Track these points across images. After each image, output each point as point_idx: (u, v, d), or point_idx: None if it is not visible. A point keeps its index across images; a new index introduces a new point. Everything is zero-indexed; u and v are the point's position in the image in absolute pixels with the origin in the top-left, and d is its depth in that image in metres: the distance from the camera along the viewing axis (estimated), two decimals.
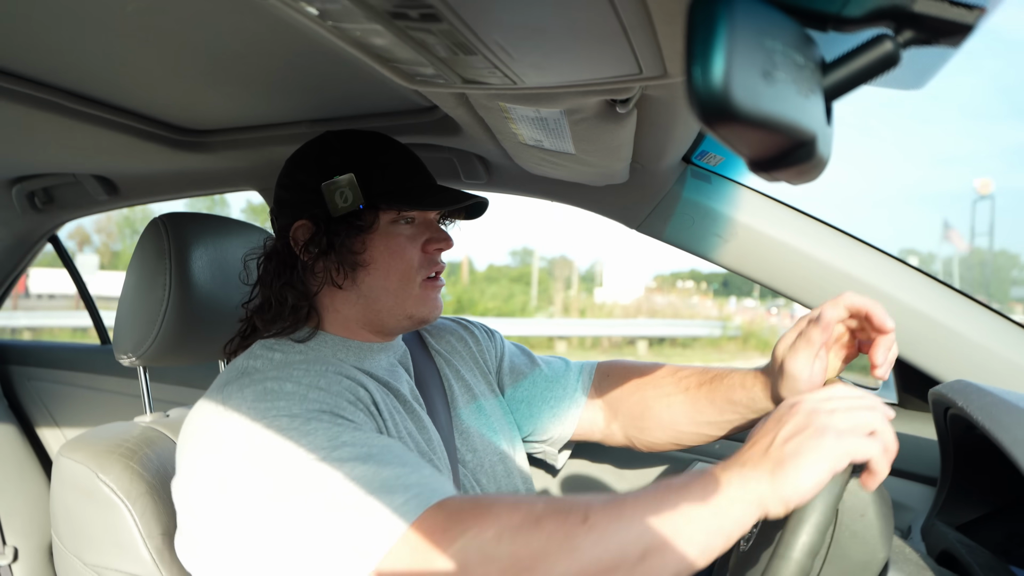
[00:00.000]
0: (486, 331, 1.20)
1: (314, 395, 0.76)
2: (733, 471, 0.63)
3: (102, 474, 0.92)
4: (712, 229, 1.22)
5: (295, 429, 0.71)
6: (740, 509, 0.61)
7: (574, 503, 0.63)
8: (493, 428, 1.05)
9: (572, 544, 0.60)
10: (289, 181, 0.94)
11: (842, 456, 0.61)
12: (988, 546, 0.87)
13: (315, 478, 0.67)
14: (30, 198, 1.78)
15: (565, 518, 0.61)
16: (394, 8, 0.48)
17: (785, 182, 0.37)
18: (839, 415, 0.63)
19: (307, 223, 0.89)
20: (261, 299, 0.92)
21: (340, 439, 0.71)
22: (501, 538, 0.60)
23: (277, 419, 0.72)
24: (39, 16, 0.73)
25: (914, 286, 1.15)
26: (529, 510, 0.63)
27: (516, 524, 0.61)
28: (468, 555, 0.60)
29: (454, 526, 0.62)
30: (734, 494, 0.61)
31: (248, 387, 0.77)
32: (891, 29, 0.35)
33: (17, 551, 1.89)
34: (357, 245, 0.89)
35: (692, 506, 0.61)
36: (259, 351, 0.87)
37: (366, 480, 0.67)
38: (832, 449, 0.60)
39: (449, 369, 1.08)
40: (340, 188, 0.88)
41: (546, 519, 0.61)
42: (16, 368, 2.17)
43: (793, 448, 0.61)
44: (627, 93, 0.71)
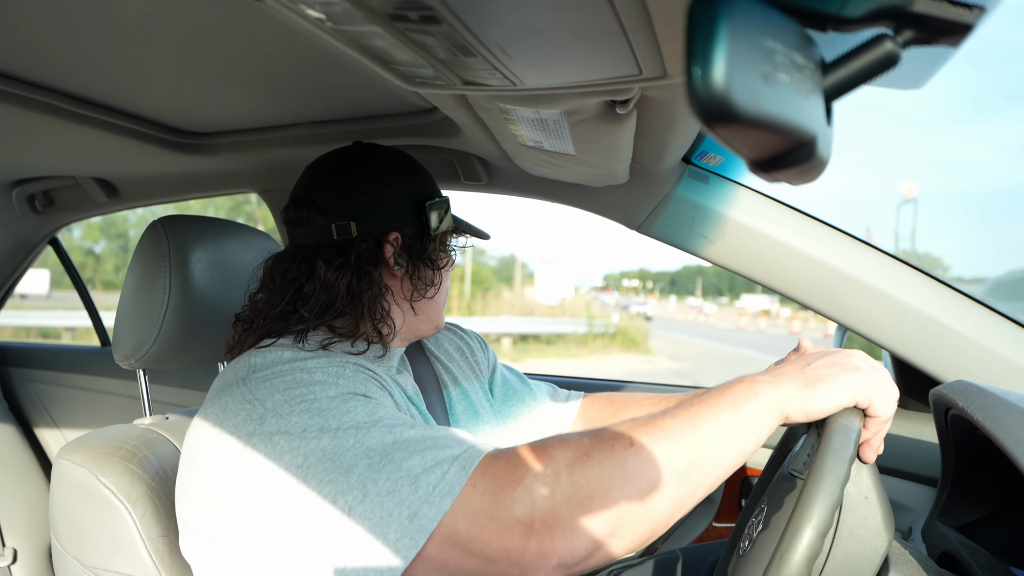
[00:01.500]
0: (479, 341, 1.23)
1: (343, 382, 0.77)
2: (766, 378, 0.72)
3: (102, 476, 0.92)
4: (712, 229, 1.22)
5: (335, 408, 0.71)
6: (770, 413, 0.69)
7: (619, 433, 0.67)
8: (487, 434, 1.07)
9: (624, 468, 0.65)
10: (373, 189, 0.93)
11: (867, 392, 0.70)
12: (989, 547, 0.87)
13: (370, 444, 0.68)
14: (30, 200, 1.78)
15: (613, 447, 0.66)
16: (393, 10, 0.48)
17: (785, 182, 0.37)
18: (874, 369, 0.73)
19: (399, 236, 0.93)
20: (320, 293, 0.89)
21: (377, 413, 0.72)
22: (559, 474, 0.64)
23: (317, 401, 0.72)
24: (39, 20, 0.73)
25: (914, 286, 1.15)
26: (578, 445, 0.67)
27: (569, 460, 0.65)
28: (534, 492, 0.64)
29: (516, 468, 0.65)
30: (764, 399, 0.69)
31: (273, 379, 0.76)
32: (891, 29, 0.35)
33: (16, 553, 1.89)
34: (438, 261, 0.97)
35: (728, 417, 0.68)
36: (263, 351, 0.84)
37: (418, 440, 0.69)
38: (860, 384, 0.70)
39: (446, 373, 1.09)
40: (441, 210, 0.96)
41: (595, 450, 0.66)
42: (16, 370, 2.17)
43: (828, 372, 0.71)
44: (627, 94, 0.71)
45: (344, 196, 0.92)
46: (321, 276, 0.89)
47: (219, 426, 0.75)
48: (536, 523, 0.63)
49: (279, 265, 0.93)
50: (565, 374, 1.76)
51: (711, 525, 1.50)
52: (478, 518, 0.64)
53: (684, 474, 0.65)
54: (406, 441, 0.69)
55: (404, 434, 0.70)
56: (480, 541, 0.64)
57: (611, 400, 1.19)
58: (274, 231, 1.67)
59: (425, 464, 0.66)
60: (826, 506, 0.61)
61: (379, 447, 0.68)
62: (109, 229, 39.15)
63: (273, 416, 0.72)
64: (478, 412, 1.08)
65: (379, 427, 0.70)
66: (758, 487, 0.98)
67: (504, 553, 0.63)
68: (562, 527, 0.63)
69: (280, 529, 0.69)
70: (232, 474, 0.72)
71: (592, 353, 19.59)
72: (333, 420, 0.70)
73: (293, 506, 0.68)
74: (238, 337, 0.92)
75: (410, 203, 0.94)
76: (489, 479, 0.65)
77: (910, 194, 24.75)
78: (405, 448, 0.68)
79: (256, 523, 0.70)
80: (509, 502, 0.64)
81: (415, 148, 1.28)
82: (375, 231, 0.91)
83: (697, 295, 38.48)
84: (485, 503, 0.64)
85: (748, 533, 0.84)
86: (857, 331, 1.19)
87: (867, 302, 1.16)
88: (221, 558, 0.74)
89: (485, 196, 1.30)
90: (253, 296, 0.95)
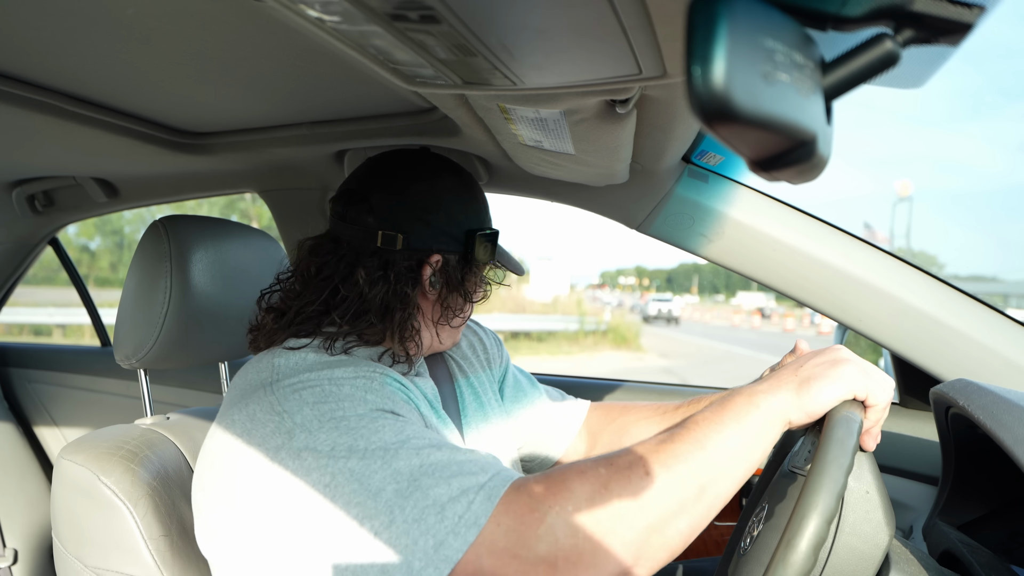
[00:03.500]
0: (495, 338, 1.23)
1: (371, 397, 0.76)
2: (763, 388, 0.72)
3: (103, 476, 0.92)
4: (712, 229, 1.22)
5: (364, 427, 0.71)
6: (774, 421, 0.70)
7: (633, 460, 0.68)
8: (496, 428, 1.07)
9: (640, 498, 0.65)
10: (429, 205, 0.91)
11: (859, 384, 0.71)
12: (990, 545, 0.87)
13: (398, 467, 0.68)
14: (30, 201, 1.78)
15: (629, 476, 0.67)
16: (393, 10, 0.48)
17: (785, 182, 0.37)
18: (861, 363, 0.74)
19: (441, 258, 0.92)
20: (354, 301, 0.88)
21: (405, 432, 0.72)
22: (580, 508, 0.65)
23: (346, 419, 0.72)
24: (39, 19, 0.73)
25: (915, 285, 1.15)
26: (595, 476, 0.67)
27: (589, 494, 0.66)
28: (556, 530, 0.64)
29: (539, 505, 0.66)
30: (765, 410, 0.70)
31: (302, 390, 0.75)
32: (891, 28, 0.35)
33: (17, 553, 1.89)
34: (472, 293, 0.97)
35: (732, 431, 0.69)
36: (289, 353, 0.82)
37: (445, 465, 0.69)
38: (852, 376, 0.71)
39: (460, 374, 1.09)
40: (487, 242, 0.96)
41: (612, 482, 0.66)
42: (16, 370, 2.17)
43: (819, 371, 0.72)
44: (627, 93, 0.71)
45: (399, 205, 0.90)
46: (359, 284, 0.88)
47: (246, 435, 0.74)
48: (560, 561, 0.64)
49: (316, 256, 0.91)
50: (556, 372, 1.76)
51: (711, 524, 1.50)
52: (503, 556, 0.64)
53: (698, 496, 0.67)
54: (433, 465, 0.69)
55: (431, 457, 0.69)
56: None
57: (614, 408, 1.20)
58: (269, 229, 1.67)
59: (452, 493, 0.67)
60: (831, 494, 0.61)
61: (407, 471, 0.68)
62: (104, 226, 39.13)
63: (302, 431, 0.71)
64: (484, 406, 1.08)
65: (407, 449, 0.70)
66: (759, 486, 0.98)
67: None
68: (586, 563, 0.64)
69: (302, 545, 0.68)
70: (257, 485, 0.72)
71: (583, 350, 19.63)
72: (362, 440, 0.70)
73: (318, 524, 0.68)
74: (268, 326, 0.90)
75: (461, 228, 0.93)
76: (513, 517, 0.66)
77: (905, 192, 24.82)
78: (432, 474, 0.68)
79: (279, 536, 0.70)
80: (533, 541, 0.64)
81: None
82: (419, 249, 0.90)
83: (692, 292, 38.36)
84: (510, 542, 0.65)
85: (749, 532, 0.84)
86: (857, 330, 1.19)
87: (867, 301, 1.16)
88: (241, 562, 0.74)
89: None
90: (285, 280, 0.93)
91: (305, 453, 0.70)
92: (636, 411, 1.15)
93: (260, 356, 0.84)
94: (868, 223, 44.45)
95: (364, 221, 0.90)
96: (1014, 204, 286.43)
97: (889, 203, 35.32)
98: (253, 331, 0.93)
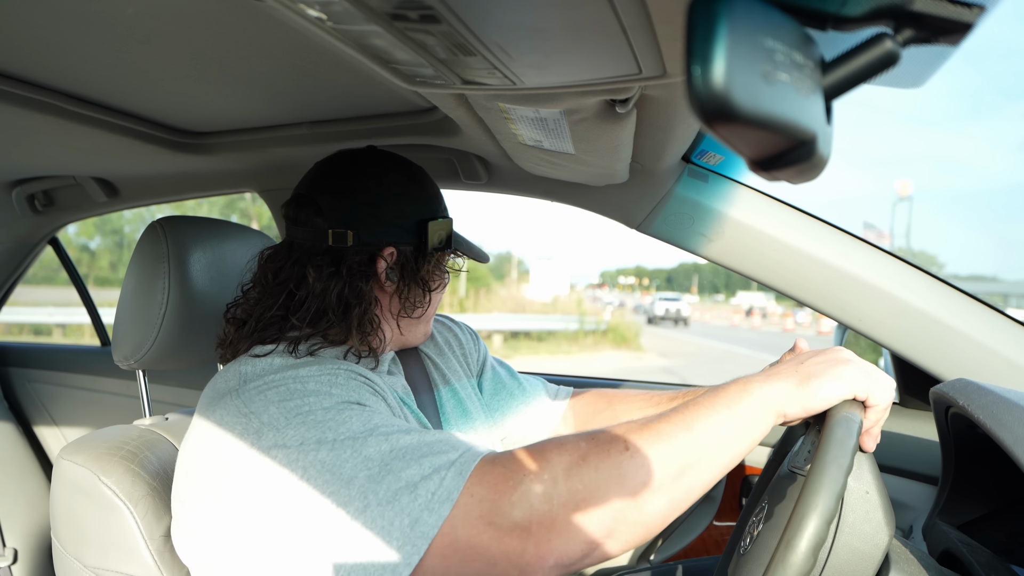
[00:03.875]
0: (471, 333, 1.23)
1: (337, 391, 0.76)
2: (760, 378, 0.72)
3: (103, 476, 0.92)
4: (712, 228, 1.22)
5: (331, 419, 0.71)
6: (765, 411, 0.70)
7: (615, 436, 0.68)
8: (477, 432, 1.07)
9: (619, 472, 0.66)
10: (376, 199, 0.92)
11: (860, 384, 0.71)
12: (990, 545, 0.87)
13: (368, 453, 0.68)
14: (30, 200, 1.78)
15: (608, 451, 0.67)
16: (393, 9, 0.48)
17: (785, 181, 0.37)
18: (863, 364, 0.74)
19: (394, 251, 0.92)
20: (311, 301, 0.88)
21: (373, 421, 0.73)
22: (556, 479, 0.65)
23: (312, 412, 0.72)
24: (39, 19, 0.73)
25: (914, 284, 1.15)
26: (575, 449, 0.68)
27: (566, 465, 0.66)
28: (531, 496, 0.65)
29: (514, 473, 0.66)
30: (759, 398, 0.70)
31: (267, 391, 0.75)
32: (890, 28, 0.35)
33: (17, 553, 1.89)
34: (430, 283, 0.97)
35: (722, 417, 0.69)
36: (254, 360, 0.83)
37: (415, 447, 0.69)
38: (853, 376, 0.71)
39: (436, 372, 1.09)
40: (441, 230, 0.96)
41: (591, 455, 0.67)
42: (16, 370, 2.17)
43: (820, 368, 0.72)
44: (626, 93, 0.71)
45: (346, 203, 0.91)
46: (310, 284, 0.88)
47: (215, 439, 0.75)
48: (534, 526, 0.64)
49: (272, 263, 0.93)
50: (555, 372, 1.76)
51: (711, 524, 1.50)
52: (477, 525, 0.65)
53: (678, 476, 0.66)
54: (403, 449, 0.69)
55: (400, 441, 0.70)
56: (480, 547, 0.65)
57: (602, 396, 1.19)
58: (268, 228, 1.67)
59: (423, 472, 0.67)
60: (831, 494, 0.61)
61: (377, 456, 0.68)
62: (104, 225, 39.10)
63: (270, 430, 0.72)
64: (468, 410, 1.08)
65: (376, 436, 0.70)
66: (758, 486, 0.98)
67: (504, 556, 0.65)
68: (559, 530, 0.64)
69: (283, 540, 0.69)
70: (230, 488, 0.72)
71: (583, 350, 19.64)
72: (330, 431, 0.70)
73: (294, 519, 0.68)
74: (231, 336, 0.92)
75: (412, 219, 0.94)
76: (487, 486, 0.66)
77: (905, 192, 24.85)
78: (403, 456, 0.68)
79: (258, 535, 0.70)
80: (507, 508, 0.65)
81: (415, 147, 1.28)
82: (371, 243, 0.91)
83: (693, 292, 38.35)
84: (484, 509, 0.65)
85: (749, 531, 0.84)
86: (857, 329, 1.19)
87: (867, 300, 1.16)
88: (221, 566, 0.75)
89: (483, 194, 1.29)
90: (246, 291, 0.95)
91: (275, 451, 0.70)
92: (631, 399, 1.15)
93: (228, 366, 0.84)
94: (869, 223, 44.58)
95: (314, 223, 0.91)
96: (1014, 204, 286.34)
97: (889, 203, 35.37)
98: (220, 346, 0.94)
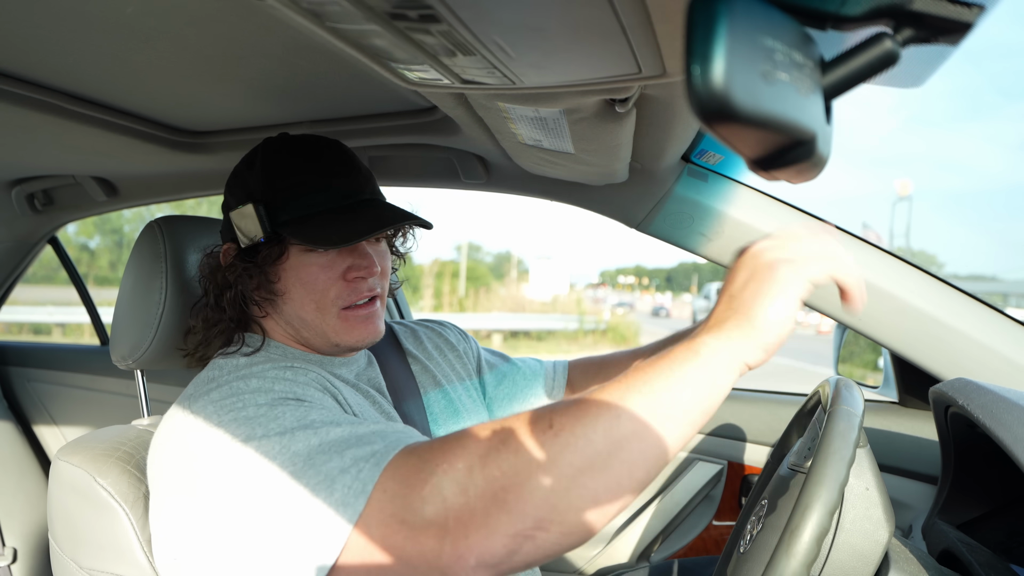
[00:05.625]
0: (460, 333, 1.22)
1: (280, 386, 0.75)
2: (704, 335, 0.61)
3: (100, 478, 0.92)
4: (711, 228, 1.22)
5: (262, 415, 0.70)
6: (719, 371, 0.60)
7: (539, 415, 0.61)
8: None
9: (542, 454, 0.58)
10: (225, 198, 0.94)
11: (803, 281, 0.60)
12: (989, 545, 0.87)
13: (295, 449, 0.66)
14: (30, 200, 1.78)
15: (530, 430, 0.60)
16: (393, 9, 0.48)
17: (785, 181, 0.37)
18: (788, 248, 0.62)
19: (231, 246, 0.90)
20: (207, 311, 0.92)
21: (309, 417, 0.70)
22: (472, 467, 0.60)
23: (244, 410, 0.71)
24: (39, 19, 0.73)
25: (914, 284, 1.15)
26: (493, 433, 0.61)
27: (483, 450, 0.60)
28: (443, 490, 0.59)
29: (424, 466, 0.61)
30: (708, 358, 0.60)
31: (214, 390, 0.76)
32: (890, 28, 0.35)
33: (16, 552, 1.89)
34: (272, 274, 0.88)
35: (665, 385, 0.59)
36: (221, 360, 0.86)
37: (343, 440, 0.66)
38: (790, 277, 0.60)
39: (424, 374, 1.08)
40: (244, 218, 0.87)
41: (511, 437, 0.60)
42: (15, 369, 2.17)
43: (752, 291, 0.60)
44: (626, 92, 0.71)
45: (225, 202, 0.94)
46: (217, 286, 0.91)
47: (168, 443, 0.77)
48: (450, 522, 0.59)
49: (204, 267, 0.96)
50: None
51: (710, 524, 1.50)
52: (390, 524, 0.60)
53: (612, 454, 0.58)
54: (331, 442, 0.66)
55: (330, 434, 0.67)
56: (395, 547, 0.60)
57: (595, 364, 1.19)
58: None
59: (343, 464, 0.64)
60: (834, 485, 0.61)
61: (304, 451, 0.66)
62: (104, 225, 39.07)
63: (197, 433, 0.72)
64: (458, 411, 1.06)
65: (306, 431, 0.68)
66: (757, 486, 0.98)
67: (420, 557, 0.59)
68: (477, 524, 0.58)
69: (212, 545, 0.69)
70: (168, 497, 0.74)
71: (583, 349, 19.66)
72: (259, 428, 0.69)
73: (221, 520, 0.68)
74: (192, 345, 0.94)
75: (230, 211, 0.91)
76: (398, 480, 0.61)
77: (905, 191, 24.83)
78: (328, 450, 0.65)
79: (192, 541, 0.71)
80: (418, 504, 0.60)
81: (415, 147, 1.28)
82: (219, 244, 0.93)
83: (691, 292, 38.19)
84: (396, 506, 0.61)
85: (748, 531, 0.84)
86: (857, 329, 1.19)
87: (867, 300, 1.16)
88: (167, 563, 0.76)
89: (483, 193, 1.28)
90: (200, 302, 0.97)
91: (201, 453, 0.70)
92: (617, 363, 1.15)
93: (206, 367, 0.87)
94: (867, 224, 44.50)
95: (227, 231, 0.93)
96: (1014, 204, 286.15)
97: (889, 202, 35.37)
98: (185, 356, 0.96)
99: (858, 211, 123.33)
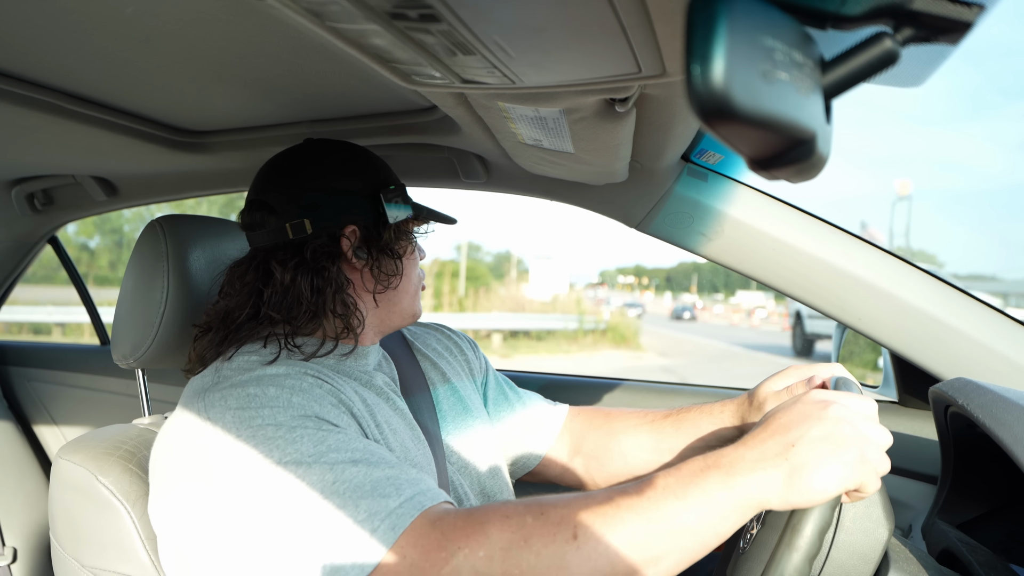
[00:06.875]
0: (471, 344, 1.23)
1: (297, 399, 0.75)
2: (746, 466, 0.63)
3: (101, 476, 0.92)
4: (711, 227, 1.22)
5: (281, 438, 0.70)
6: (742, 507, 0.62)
7: (565, 517, 0.63)
8: (477, 431, 1.06)
9: (562, 562, 0.60)
10: (323, 184, 0.92)
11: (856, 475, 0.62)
12: (989, 544, 0.87)
13: (310, 481, 0.67)
14: (29, 199, 1.78)
15: (554, 536, 0.61)
16: (393, 8, 0.48)
17: (785, 180, 0.37)
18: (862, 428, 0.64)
19: (356, 229, 0.92)
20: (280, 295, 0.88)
21: (326, 443, 0.71)
22: (492, 558, 0.61)
23: (263, 428, 0.71)
24: (38, 18, 0.73)
25: (914, 283, 1.15)
26: (519, 526, 0.63)
27: (506, 543, 0.62)
28: (462, 574, 0.61)
29: (448, 544, 0.62)
30: (739, 494, 0.61)
31: (230, 393, 0.76)
32: (890, 27, 0.35)
33: (16, 552, 1.89)
34: (398, 250, 0.95)
35: (694, 518, 0.61)
36: (228, 360, 0.85)
37: (357, 487, 0.67)
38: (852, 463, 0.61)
39: (434, 370, 1.08)
40: (395, 197, 0.95)
41: (535, 537, 0.61)
42: (15, 369, 2.17)
43: (816, 457, 0.61)
44: (626, 92, 0.71)
45: (295, 194, 0.91)
46: (278, 278, 0.88)
47: (176, 441, 0.76)
48: None
49: (237, 269, 0.93)
50: (555, 371, 1.76)
51: None
52: None
53: (633, 571, 0.60)
54: (345, 484, 0.67)
55: (345, 474, 0.68)
56: None
57: (598, 413, 1.17)
58: None
59: (358, 516, 0.64)
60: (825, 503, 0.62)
61: (319, 488, 0.66)
62: (103, 224, 39.06)
63: (219, 443, 0.71)
64: (468, 408, 1.07)
65: (321, 464, 0.68)
66: None
67: None
68: None
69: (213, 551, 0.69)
70: (174, 502, 0.74)
71: (582, 349, 19.61)
72: (276, 451, 0.69)
73: (227, 538, 0.68)
74: (199, 351, 0.92)
75: (364, 194, 0.93)
76: (420, 550, 0.63)
77: (904, 191, 24.80)
78: (343, 494, 0.66)
79: (195, 552, 0.71)
80: None
81: (415, 147, 1.28)
82: (330, 226, 0.90)
83: (691, 291, 38.28)
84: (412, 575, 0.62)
85: (748, 531, 0.84)
86: (856, 328, 1.19)
87: (866, 299, 1.16)
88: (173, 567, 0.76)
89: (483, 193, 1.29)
90: (213, 304, 0.94)
91: (220, 465, 0.70)
92: (624, 417, 1.12)
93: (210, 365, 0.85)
94: (865, 222, 44.59)
95: (269, 223, 0.91)
96: (1014, 204, 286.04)
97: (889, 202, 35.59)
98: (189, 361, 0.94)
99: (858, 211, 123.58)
